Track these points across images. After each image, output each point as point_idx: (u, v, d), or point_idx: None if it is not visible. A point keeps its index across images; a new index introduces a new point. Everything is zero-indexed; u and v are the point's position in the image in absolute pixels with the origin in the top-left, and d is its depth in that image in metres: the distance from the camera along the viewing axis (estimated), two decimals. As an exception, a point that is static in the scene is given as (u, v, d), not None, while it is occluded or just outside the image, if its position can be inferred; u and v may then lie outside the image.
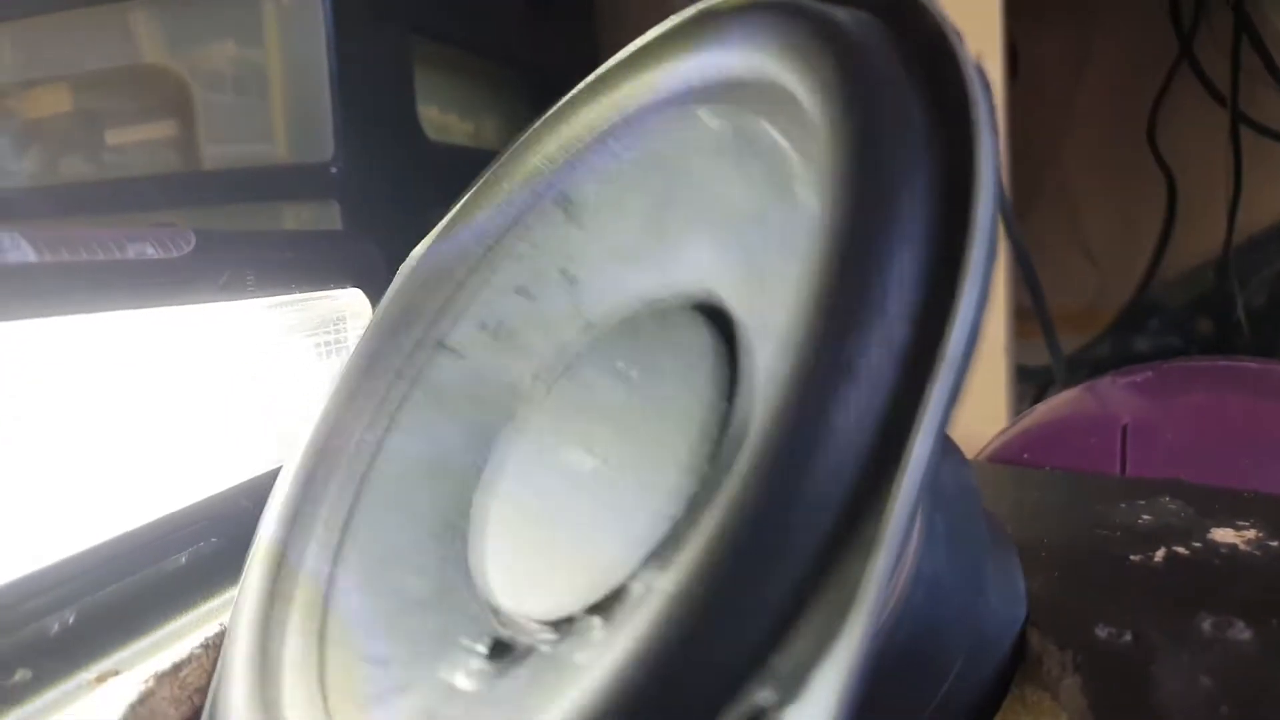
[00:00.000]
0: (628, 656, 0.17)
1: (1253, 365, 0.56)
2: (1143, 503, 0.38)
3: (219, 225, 0.67)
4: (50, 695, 0.29)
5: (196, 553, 0.36)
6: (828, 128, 0.21)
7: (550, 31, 0.90)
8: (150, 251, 0.33)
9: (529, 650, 0.25)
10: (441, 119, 0.77)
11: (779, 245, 0.24)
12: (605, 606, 0.23)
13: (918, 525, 0.25)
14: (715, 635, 0.16)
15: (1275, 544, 0.33)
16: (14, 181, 0.73)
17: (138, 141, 0.71)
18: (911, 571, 0.25)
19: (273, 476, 0.31)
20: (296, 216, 0.67)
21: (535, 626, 0.25)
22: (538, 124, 0.32)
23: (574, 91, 0.31)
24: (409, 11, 0.70)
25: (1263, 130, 0.94)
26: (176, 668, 0.31)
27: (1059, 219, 1.02)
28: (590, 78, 0.31)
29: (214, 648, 0.32)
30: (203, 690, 0.31)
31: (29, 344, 0.32)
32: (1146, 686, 0.25)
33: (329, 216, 0.64)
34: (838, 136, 0.20)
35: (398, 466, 0.31)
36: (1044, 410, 0.59)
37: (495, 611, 0.27)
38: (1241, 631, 0.27)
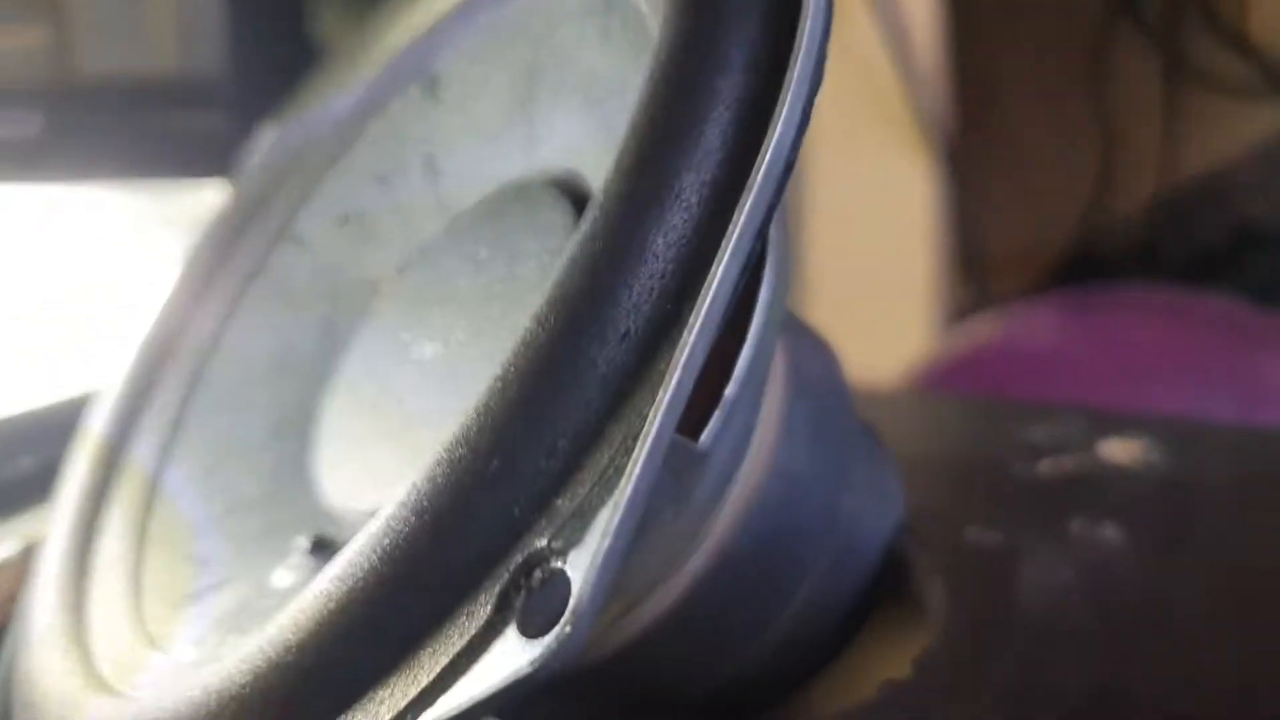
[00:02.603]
0: (398, 506, 0.15)
1: (1182, 294, 0.56)
2: (1038, 422, 0.37)
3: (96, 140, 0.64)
4: None
5: (39, 457, 0.34)
6: None
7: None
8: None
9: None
10: (337, 31, 0.74)
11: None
12: None
13: (775, 414, 0.24)
14: (491, 478, 0.15)
15: (1158, 457, 0.32)
16: None
17: (6, 47, 0.67)
18: (768, 463, 0.24)
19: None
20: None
21: (361, 519, 0.24)
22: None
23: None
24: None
25: (1200, 79, 0.93)
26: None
27: (999, 160, 1.01)
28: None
29: (31, 554, 0.30)
30: (12, 598, 0.29)
31: None
32: (1005, 578, 0.24)
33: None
34: None
35: (236, 363, 0.29)
36: (958, 337, 0.58)
37: (327, 510, 0.25)
38: (1109, 531, 0.26)
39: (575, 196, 0.25)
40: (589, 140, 0.25)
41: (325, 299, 0.30)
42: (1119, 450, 0.33)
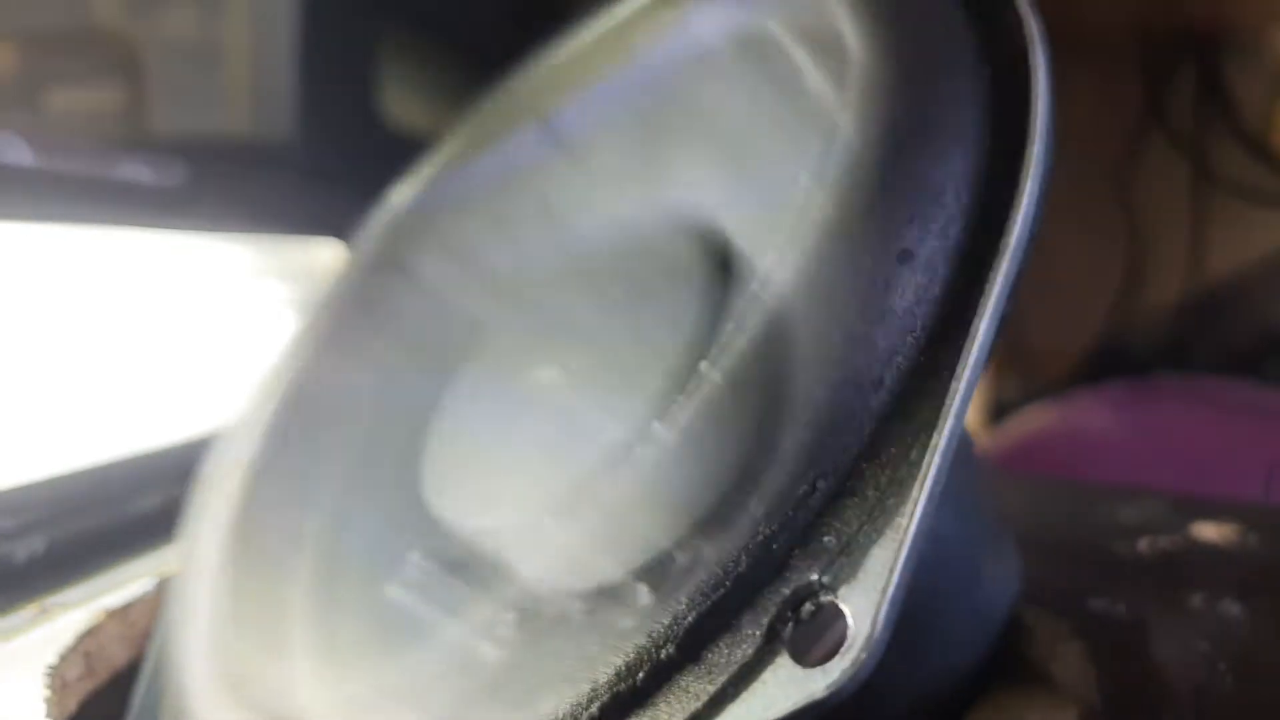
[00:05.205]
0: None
1: (1216, 382, 0.58)
2: (1121, 502, 0.38)
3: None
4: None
5: (170, 495, 0.34)
6: (872, 50, 0.20)
7: (525, 33, 0.88)
8: (143, 175, 0.31)
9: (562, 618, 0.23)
10: (406, 111, 0.75)
11: (794, 165, 0.23)
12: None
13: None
14: (753, 515, 0.16)
15: (1254, 538, 0.33)
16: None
17: (82, 106, 0.68)
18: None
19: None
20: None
21: (470, 537, 0.24)
22: (542, 66, 0.31)
23: (588, 36, 0.31)
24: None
25: (1225, 187, 0.97)
26: (126, 607, 0.29)
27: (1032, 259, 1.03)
28: (604, 26, 0.30)
29: (163, 589, 0.30)
30: (148, 634, 0.29)
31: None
32: (1143, 648, 0.24)
33: (283, 200, 0.62)
34: (885, 56, 0.20)
35: (358, 398, 0.29)
36: (1016, 424, 0.59)
37: (441, 529, 0.25)
38: (1231, 606, 0.27)
39: (704, 238, 0.25)
40: (720, 181, 0.26)
41: (435, 331, 0.30)
42: (1212, 531, 0.34)
